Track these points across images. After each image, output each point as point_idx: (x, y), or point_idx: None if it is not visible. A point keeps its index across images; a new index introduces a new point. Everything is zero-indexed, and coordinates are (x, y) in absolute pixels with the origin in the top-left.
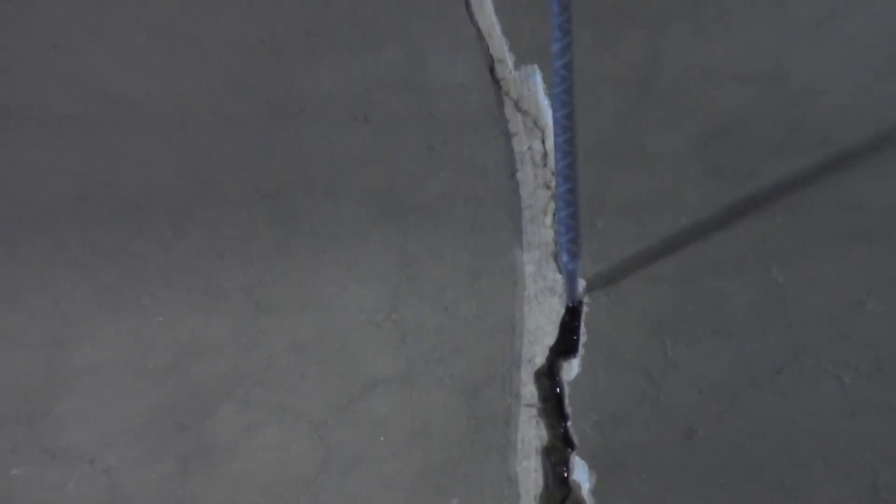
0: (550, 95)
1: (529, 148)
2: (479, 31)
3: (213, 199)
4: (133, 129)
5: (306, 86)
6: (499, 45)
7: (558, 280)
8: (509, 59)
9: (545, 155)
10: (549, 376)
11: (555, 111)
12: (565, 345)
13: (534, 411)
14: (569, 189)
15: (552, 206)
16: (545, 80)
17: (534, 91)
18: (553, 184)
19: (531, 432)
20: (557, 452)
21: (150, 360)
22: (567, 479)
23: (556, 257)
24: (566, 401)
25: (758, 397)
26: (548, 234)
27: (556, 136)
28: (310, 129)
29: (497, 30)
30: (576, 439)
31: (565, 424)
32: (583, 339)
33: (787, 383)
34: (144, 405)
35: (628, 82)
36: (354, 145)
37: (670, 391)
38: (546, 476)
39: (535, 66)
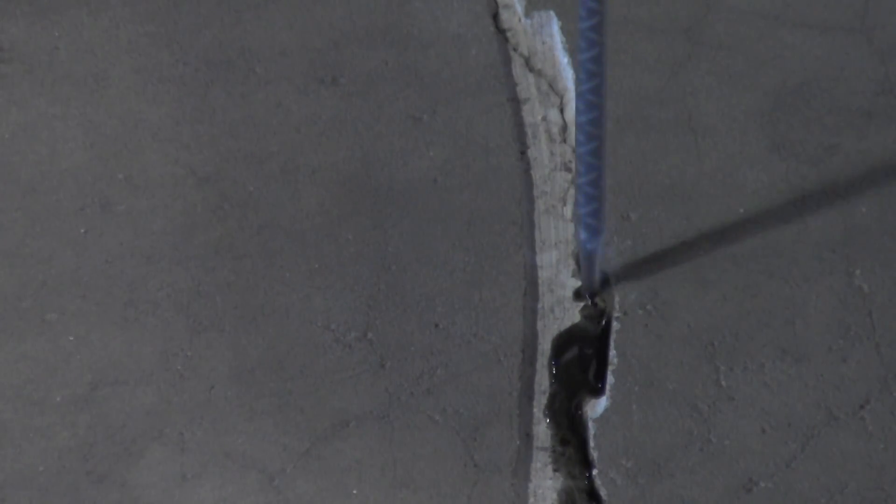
0: (576, 61)
1: (544, 118)
2: None
3: (137, 183)
4: (31, 91)
5: (257, 37)
6: None
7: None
8: (518, 4)
9: (564, 127)
10: (569, 412)
11: (579, 83)
12: (590, 371)
13: (550, 456)
14: (592, 150)
15: (573, 193)
16: (564, 30)
17: (550, 45)
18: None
19: (546, 483)
20: None
21: (58, 391)
22: None
23: (577, 258)
24: (591, 443)
25: (837, 437)
26: (567, 230)
27: (578, 114)
28: (261, 94)
29: None
30: (603, 492)
31: (590, 473)
32: (613, 363)
33: (875, 419)
34: (50, 449)
35: (672, 32)
36: (319, 114)
37: (724, 430)
38: None
39: (552, 14)
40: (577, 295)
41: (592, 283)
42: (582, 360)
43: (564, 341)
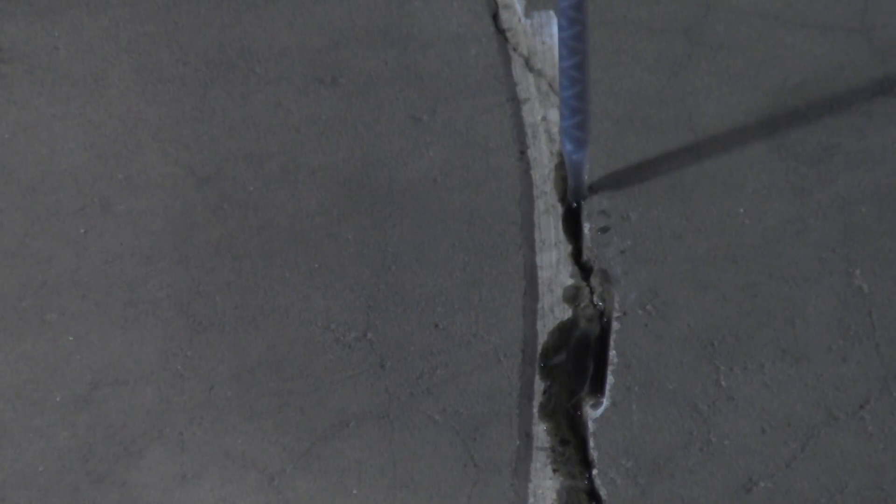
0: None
1: (544, 118)
2: None
3: (137, 183)
4: (31, 91)
5: (257, 37)
6: None
7: (583, 289)
8: (518, 4)
9: None
10: (569, 412)
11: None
12: (589, 370)
13: (549, 456)
14: (575, 64)
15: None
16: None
17: (550, 45)
18: None
19: (546, 483)
20: None
21: (58, 391)
22: None
23: (575, 257)
24: (591, 443)
25: (836, 437)
26: (568, 229)
27: (560, 29)
28: (261, 94)
29: None
30: (603, 492)
31: (590, 473)
32: (613, 363)
33: (874, 420)
34: (49, 449)
35: (672, 32)
36: (319, 114)
37: (724, 430)
38: None
39: (552, 14)
40: (565, 202)
41: (580, 192)
42: (581, 359)
43: (564, 340)
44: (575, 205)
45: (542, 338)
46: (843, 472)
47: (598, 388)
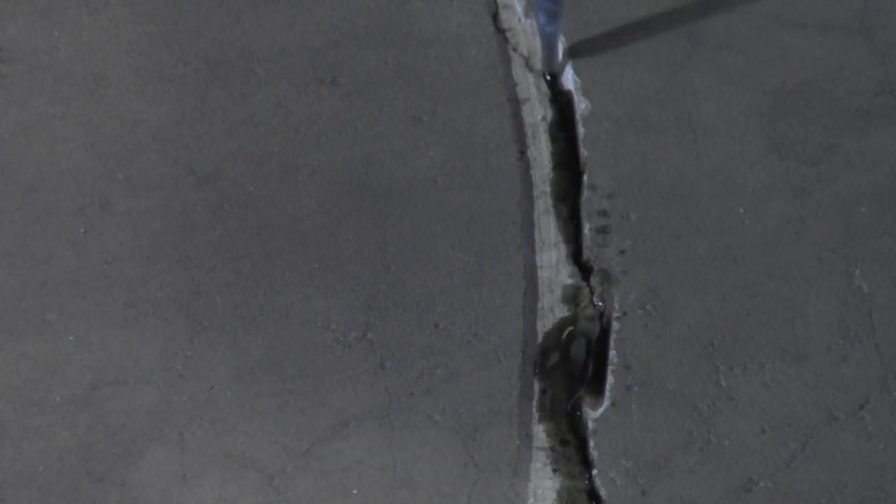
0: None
1: (544, 118)
2: None
3: (137, 183)
4: (31, 91)
5: (257, 38)
6: None
7: (583, 289)
8: (518, 4)
9: (563, 127)
10: (568, 412)
11: None
12: (589, 370)
13: (549, 456)
14: None
15: (572, 192)
16: (564, 30)
17: None
18: (578, 163)
19: (546, 483)
20: None
21: (57, 391)
22: None
23: (575, 257)
24: (591, 443)
25: (836, 437)
26: (568, 229)
27: None
28: (261, 94)
29: None
30: (603, 492)
31: (590, 473)
32: (613, 363)
33: (874, 420)
34: (49, 449)
35: (672, 32)
36: (319, 114)
37: (724, 430)
38: None
39: None
40: (543, 76)
41: (553, 63)
42: (581, 359)
43: (564, 340)
44: (548, 76)
45: (542, 338)
46: (843, 472)
47: (597, 388)
